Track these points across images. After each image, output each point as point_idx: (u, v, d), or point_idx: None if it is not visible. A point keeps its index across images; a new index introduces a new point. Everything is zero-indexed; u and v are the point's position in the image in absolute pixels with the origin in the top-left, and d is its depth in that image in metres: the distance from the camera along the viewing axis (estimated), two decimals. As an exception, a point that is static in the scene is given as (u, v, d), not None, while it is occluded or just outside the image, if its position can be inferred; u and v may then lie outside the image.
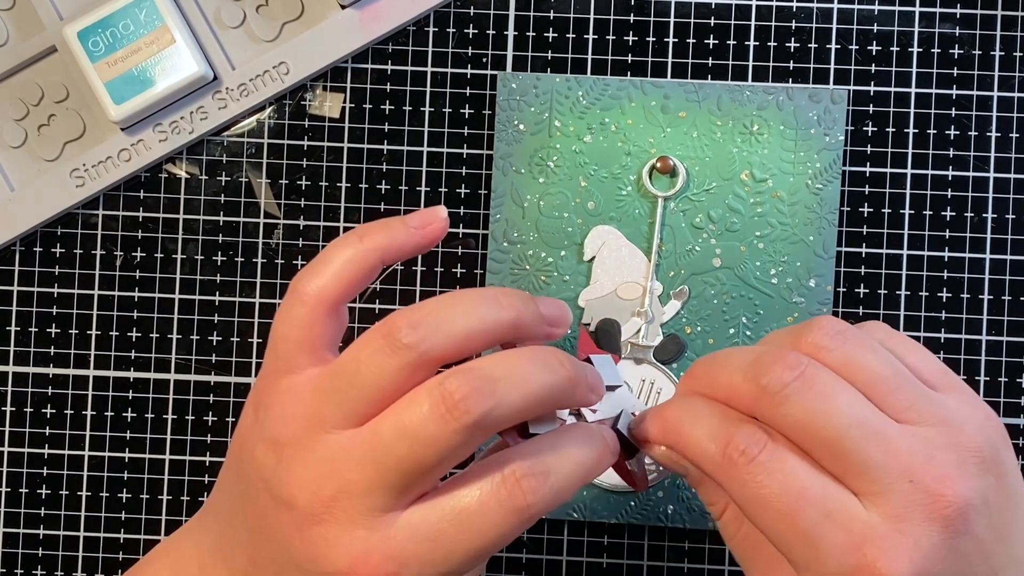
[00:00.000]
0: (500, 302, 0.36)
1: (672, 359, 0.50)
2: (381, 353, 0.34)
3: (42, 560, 0.52)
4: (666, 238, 0.51)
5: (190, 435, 0.52)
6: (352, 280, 0.37)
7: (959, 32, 0.51)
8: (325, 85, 0.52)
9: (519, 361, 0.35)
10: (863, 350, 0.35)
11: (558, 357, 0.35)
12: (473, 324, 0.35)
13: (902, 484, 0.33)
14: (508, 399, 0.34)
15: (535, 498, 0.34)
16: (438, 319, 0.35)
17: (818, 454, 0.34)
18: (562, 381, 0.35)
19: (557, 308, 0.39)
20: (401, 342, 0.34)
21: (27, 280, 0.52)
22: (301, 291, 0.37)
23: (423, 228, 0.39)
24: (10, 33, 0.52)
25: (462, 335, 0.35)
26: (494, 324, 0.35)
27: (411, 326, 0.34)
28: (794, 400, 0.34)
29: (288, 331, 0.37)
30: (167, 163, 0.52)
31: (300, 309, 0.37)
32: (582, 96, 0.51)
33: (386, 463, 0.33)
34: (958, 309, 0.51)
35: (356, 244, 0.38)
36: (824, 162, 0.50)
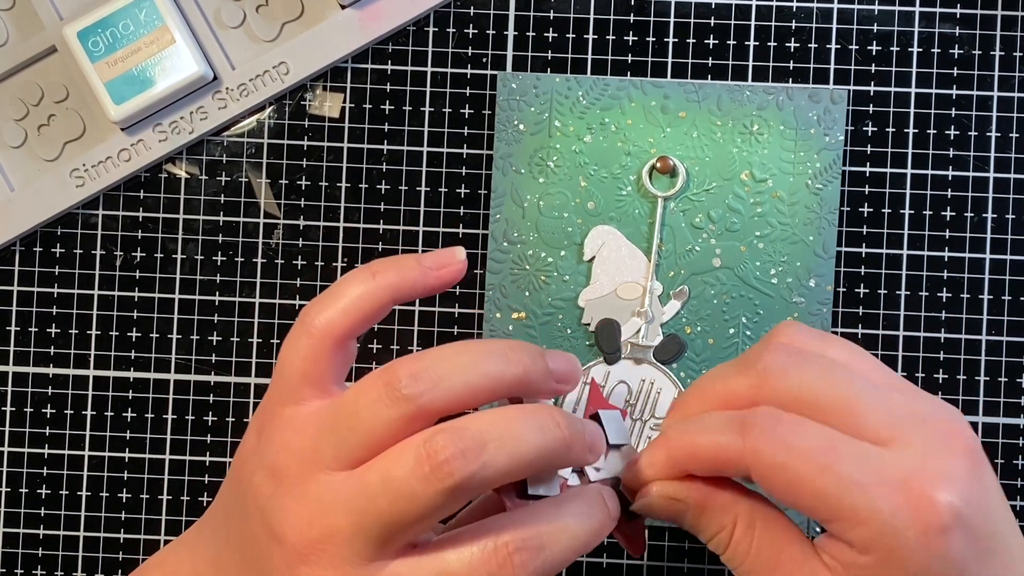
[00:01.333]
0: (507, 357, 0.35)
1: (672, 359, 0.50)
2: (380, 403, 0.34)
3: (42, 560, 0.52)
4: (666, 238, 0.51)
5: (190, 435, 0.52)
6: (361, 317, 0.37)
7: (959, 32, 0.51)
8: (325, 85, 0.52)
9: (512, 422, 0.34)
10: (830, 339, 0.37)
11: (555, 418, 0.35)
12: (475, 380, 0.34)
13: (918, 425, 0.34)
14: (495, 462, 0.33)
15: (525, 572, 0.33)
16: (440, 372, 0.34)
17: (831, 415, 0.34)
18: (556, 443, 0.34)
19: (567, 363, 0.38)
20: (401, 392, 0.34)
21: (27, 280, 0.52)
22: (309, 323, 0.37)
23: (438, 270, 0.38)
24: (10, 33, 0.52)
25: (463, 390, 0.34)
26: (497, 380, 0.35)
27: (412, 377, 0.34)
28: (795, 372, 0.35)
29: (294, 362, 0.37)
30: (167, 163, 0.52)
31: (306, 341, 0.37)
32: (582, 96, 0.51)
33: (369, 512, 0.33)
34: (958, 309, 0.51)
35: (368, 280, 0.37)
36: (824, 162, 0.50)
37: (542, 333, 0.51)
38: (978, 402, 0.51)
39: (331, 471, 0.34)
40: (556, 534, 0.34)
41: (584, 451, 0.36)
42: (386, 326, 0.52)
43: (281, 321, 0.52)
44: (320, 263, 0.52)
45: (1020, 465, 0.51)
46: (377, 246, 0.52)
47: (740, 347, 0.50)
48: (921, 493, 0.33)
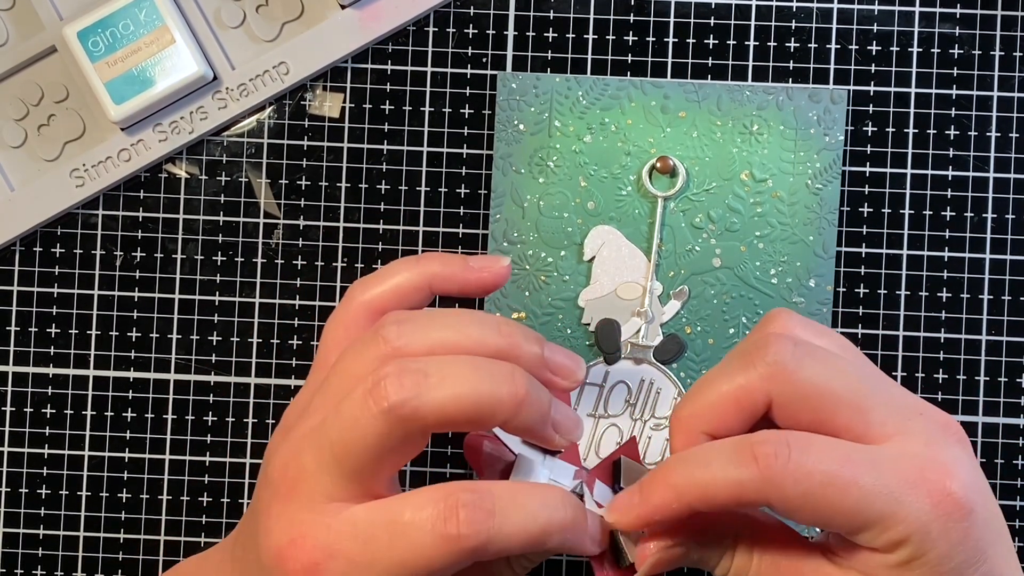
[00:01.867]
0: (499, 329, 0.36)
1: (672, 359, 0.50)
2: (365, 344, 0.35)
3: (42, 560, 0.52)
4: (666, 238, 0.51)
5: (190, 435, 0.52)
6: (399, 297, 0.39)
7: (959, 32, 0.51)
8: (325, 85, 0.52)
9: (461, 363, 0.34)
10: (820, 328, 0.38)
11: (511, 372, 0.35)
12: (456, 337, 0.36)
13: (917, 418, 0.35)
14: (431, 396, 0.33)
15: (469, 530, 0.33)
16: (424, 324, 0.36)
17: (839, 414, 0.34)
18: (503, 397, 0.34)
19: (565, 356, 0.38)
20: (382, 336, 0.35)
21: (27, 280, 0.52)
22: (350, 297, 0.39)
23: (480, 271, 0.39)
24: (10, 33, 0.52)
25: (440, 342, 0.35)
26: (478, 343, 0.36)
27: (397, 324, 0.35)
28: (808, 363, 0.35)
29: (333, 329, 0.39)
30: (167, 163, 0.52)
31: (345, 311, 0.39)
32: (582, 96, 0.51)
33: (325, 446, 0.34)
34: (958, 309, 0.51)
35: (412, 266, 0.39)
36: (824, 162, 0.50)
37: (542, 333, 0.50)
38: (978, 402, 0.51)
39: (316, 413, 0.36)
40: (511, 507, 0.34)
41: (542, 421, 0.36)
42: (386, 326, 0.52)
43: (281, 321, 0.52)
44: (320, 263, 0.52)
45: (1020, 465, 0.51)
46: (377, 246, 0.52)
47: (740, 347, 0.50)
48: (937, 485, 0.33)
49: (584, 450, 0.50)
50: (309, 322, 0.52)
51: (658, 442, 0.50)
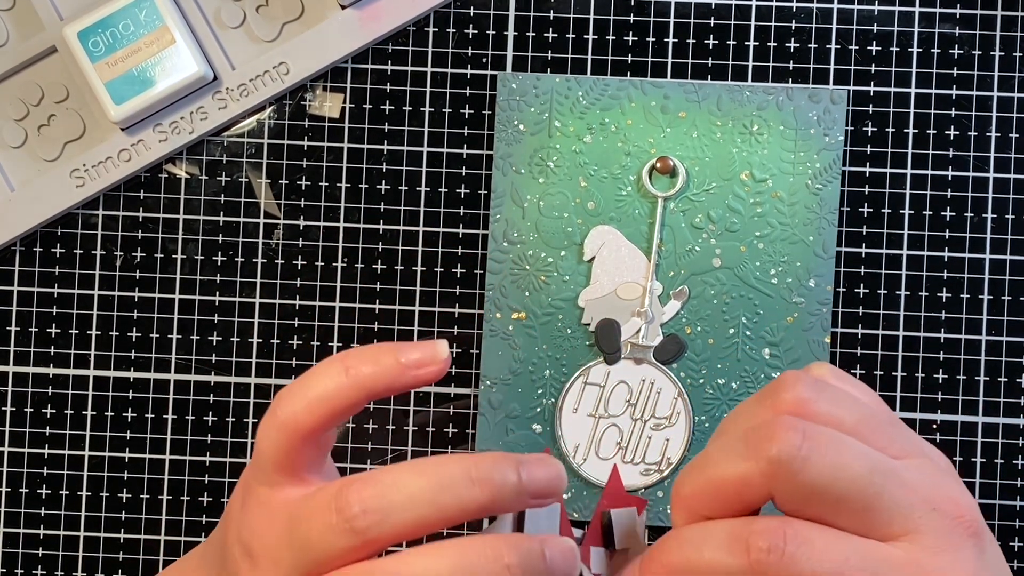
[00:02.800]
0: (471, 480, 0.33)
1: (672, 359, 0.50)
2: (330, 531, 0.33)
3: (42, 560, 0.52)
4: (666, 238, 0.51)
5: (190, 435, 0.52)
6: (329, 413, 0.35)
7: (959, 32, 0.51)
8: (325, 85, 0.52)
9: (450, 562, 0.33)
10: (839, 395, 0.35)
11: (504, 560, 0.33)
12: (429, 513, 0.33)
13: (929, 515, 0.33)
14: None
15: None
16: (391, 502, 0.33)
17: (843, 512, 0.33)
18: None
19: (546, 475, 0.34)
20: (349, 524, 0.33)
21: (27, 280, 0.52)
22: (278, 414, 0.35)
23: (418, 368, 0.35)
24: (10, 33, 0.52)
25: (415, 523, 0.33)
26: (457, 510, 0.33)
27: (362, 507, 0.33)
28: (813, 461, 0.33)
29: (265, 449, 0.35)
30: (167, 163, 0.52)
31: (275, 434, 0.35)
32: (582, 96, 0.51)
33: None
34: (958, 309, 0.51)
35: (340, 376, 0.35)
36: (824, 162, 0.50)
37: (542, 333, 0.51)
38: (978, 402, 0.51)
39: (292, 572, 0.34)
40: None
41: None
42: (386, 326, 0.52)
43: (281, 321, 0.52)
44: (320, 263, 0.52)
45: (1020, 465, 0.51)
46: (377, 246, 0.52)
47: (740, 347, 0.50)
48: None
49: (584, 451, 0.50)
50: (309, 322, 0.52)
51: (658, 442, 0.50)
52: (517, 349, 0.51)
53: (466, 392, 0.52)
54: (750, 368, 0.50)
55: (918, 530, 0.33)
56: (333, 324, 0.52)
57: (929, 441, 0.37)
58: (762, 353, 0.50)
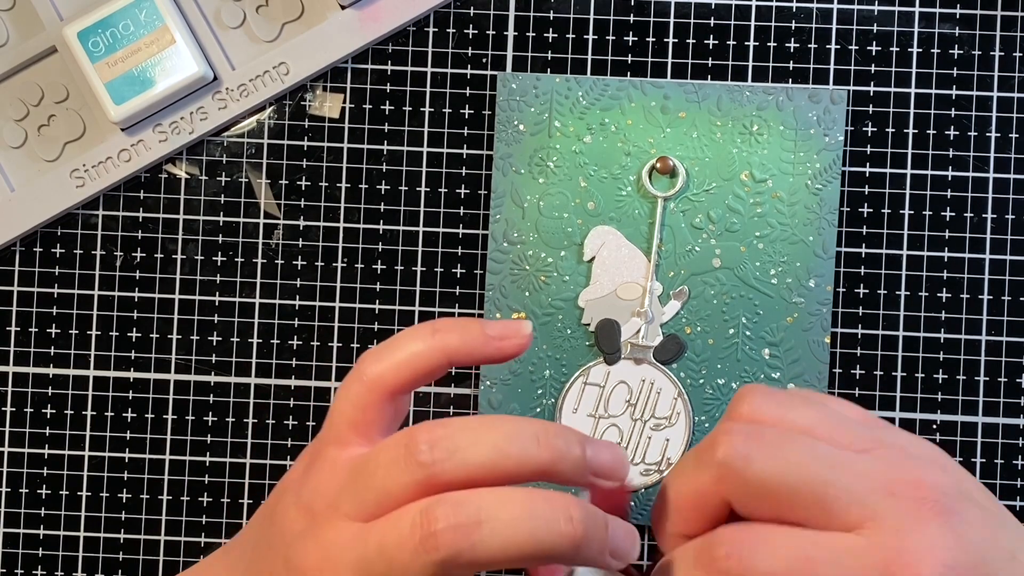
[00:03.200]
0: (538, 440, 0.34)
1: (672, 359, 0.50)
2: (396, 465, 0.33)
3: (42, 560, 0.52)
4: (666, 238, 0.51)
5: (190, 435, 0.52)
6: (414, 374, 0.36)
7: (959, 32, 0.51)
8: (325, 85, 0.52)
9: (516, 507, 0.32)
10: (794, 401, 0.35)
11: (569, 511, 0.33)
12: (495, 457, 0.33)
13: (887, 500, 0.33)
14: (486, 545, 0.32)
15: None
16: (459, 443, 0.33)
17: (797, 507, 0.33)
18: (561, 540, 0.33)
19: (610, 456, 0.35)
20: (416, 458, 0.33)
21: (27, 280, 0.52)
22: (362, 372, 0.36)
23: (501, 340, 0.37)
24: (10, 33, 0.52)
25: (480, 466, 0.33)
26: (519, 463, 0.33)
27: (430, 444, 0.33)
28: (756, 459, 0.33)
29: (344, 408, 0.36)
30: (167, 163, 0.52)
31: (357, 389, 0.36)
32: (582, 96, 0.51)
33: (378, 571, 0.33)
34: (958, 309, 0.51)
35: (428, 338, 0.36)
36: (824, 162, 0.50)
37: (542, 333, 0.51)
38: (978, 402, 0.51)
39: (348, 519, 0.34)
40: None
41: (601, 552, 0.34)
42: (386, 327, 0.52)
43: (281, 321, 0.52)
44: (320, 263, 0.52)
45: (1020, 465, 0.51)
46: (377, 246, 0.52)
47: (740, 347, 0.50)
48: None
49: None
50: (309, 322, 0.52)
51: (658, 442, 0.50)
52: (517, 349, 0.51)
53: (466, 392, 0.52)
54: (750, 368, 0.50)
55: (876, 516, 0.33)
56: (333, 324, 0.52)
57: (929, 441, 0.37)
58: (762, 353, 0.50)
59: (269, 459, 0.52)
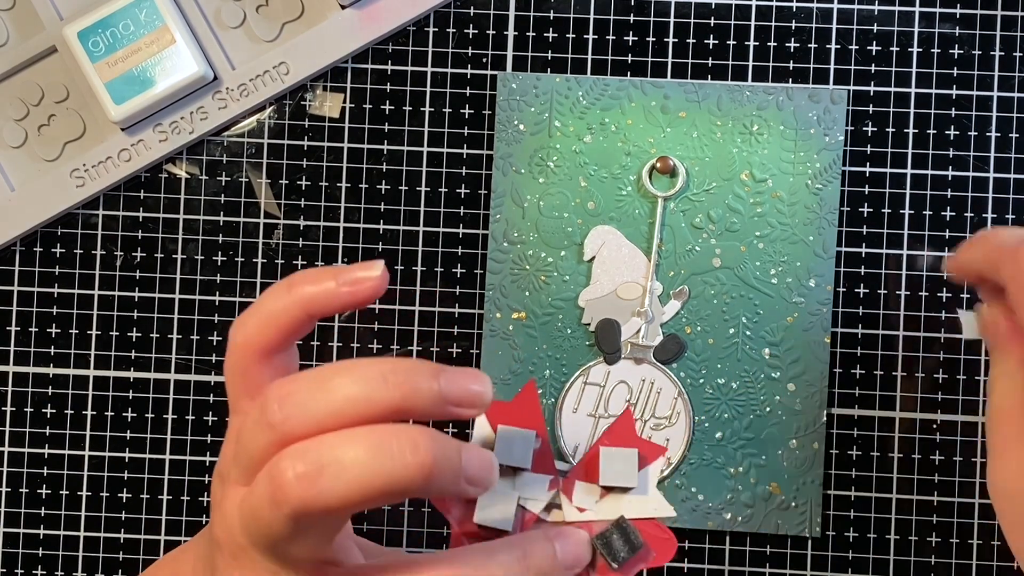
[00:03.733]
0: (386, 380, 0.33)
1: (672, 359, 0.50)
2: (256, 427, 0.34)
3: (42, 560, 0.52)
4: (666, 238, 0.51)
5: (190, 435, 0.52)
6: (278, 330, 0.36)
7: (959, 32, 0.51)
8: (325, 85, 0.52)
9: (357, 446, 0.32)
10: None
11: (415, 441, 0.32)
12: (341, 406, 0.33)
13: None
14: (332, 490, 0.32)
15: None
16: (306, 397, 0.33)
17: None
18: (410, 472, 0.32)
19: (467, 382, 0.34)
20: (267, 419, 0.33)
21: (27, 280, 0.52)
22: (235, 340, 0.36)
23: (354, 285, 0.36)
24: (10, 33, 0.52)
25: (329, 414, 0.33)
26: (367, 405, 0.33)
27: (279, 402, 0.33)
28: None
29: (228, 380, 0.37)
30: (167, 163, 0.52)
31: (232, 357, 0.37)
32: (582, 96, 0.51)
33: (250, 532, 0.34)
34: (958, 309, 0.51)
35: (284, 295, 0.36)
36: (824, 162, 0.50)
37: (542, 333, 0.51)
38: (978, 402, 0.51)
39: (238, 485, 0.35)
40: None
41: (455, 481, 0.33)
42: (386, 326, 0.52)
43: (281, 321, 0.52)
44: (320, 263, 0.52)
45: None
46: (377, 246, 0.52)
47: (740, 347, 0.50)
48: None
49: (584, 451, 0.50)
50: (309, 322, 0.52)
51: (658, 442, 0.50)
52: (517, 349, 0.51)
53: (466, 392, 0.52)
54: (750, 368, 0.50)
55: None
56: (333, 324, 0.52)
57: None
58: (762, 353, 0.50)
59: (269, 459, 0.52)
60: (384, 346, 0.52)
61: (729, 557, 0.51)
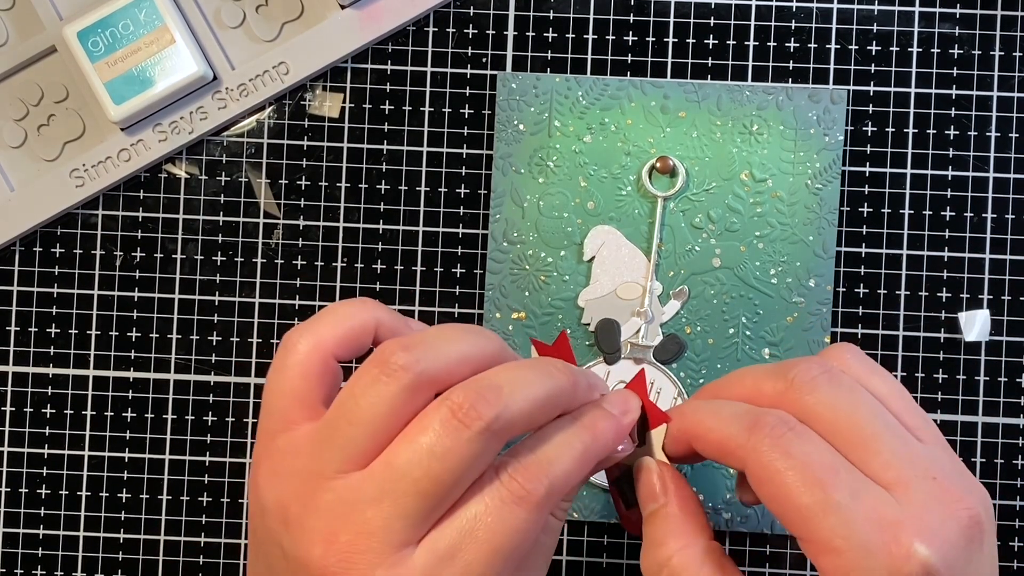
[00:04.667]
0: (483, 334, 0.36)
1: (672, 359, 0.50)
2: (378, 382, 0.33)
3: (42, 560, 0.52)
4: (666, 238, 0.51)
5: (190, 435, 0.52)
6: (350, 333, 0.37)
7: (959, 32, 0.51)
8: (325, 85, 0.52)
9: (517, 370, 0.35)
10: (879, 371, 0.37)
11: (554, 364, 0.36)
12: (466, 348, 0.35)
13: (926, 480, 0.34)
14: (514, 402, 0.34)
15: (533, 487, 0.34)
16: (430, 342, 0.34)
17: (843, 444, 0.34)
18: (563, 383, 0.36)
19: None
20: (397, 364, 0.33)
21: (27, 280, 0.52)
22: (292, 346, 0.36)
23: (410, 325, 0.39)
24: (10, 33, 0.52)
25: (458, 355, 0.35)
26: (482, 350, 0.36)
27: (404, 349, 0.34)
28: (823, 389, 0.35)
29: (283, 386, 0.36)
30: (167, 163, 0.52)
31: (296, 358, 0.36)
32: (582, 96, 0.51)
33: (403, 490, 0.33)
34: (958, 309, 0.51)
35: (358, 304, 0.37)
36: (824, 162, 0.50)
37: (542, 333, 0.51)
38: (978, 402, 0.51)
39: (342, 475, 0.33)
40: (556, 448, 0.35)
41: (588, 390, 0.37)
42: (386, 326, 0.52)
43: (281, 321, 0.52)
44: (320, 263, 0.52)
45: (1020, 465, 0.51)
46: (377, 246, 0.52)
47: (740, 347, 0.50)
48: (901, 540, 0.33)
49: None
50: (309, 322, 0.52)
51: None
52: (517, 349, 0.51)
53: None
54: (750, 368, 0.50)
55: (909, 487, 0.34)
56: (333, 324, 0.52)
57: None
58: (762, 353, 0.50)
59: (269, 459, 0.52)
60: (384, 346, 0.52)
61: (729, 557, 0.51)
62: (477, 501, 0.34)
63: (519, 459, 0.35)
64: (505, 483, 0.34)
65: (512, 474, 0.34)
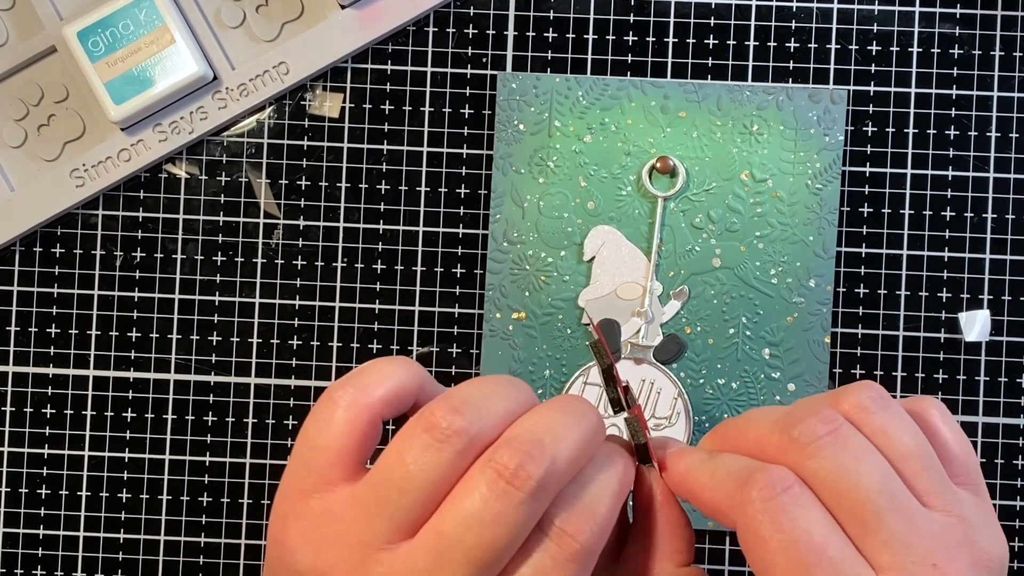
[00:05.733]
0: (512, 382, 0.35)
1: (672, 359, 0.50)
2: (429, 450, 0.32)
3: (42, 560, 0.52)
4: (666, 238, 0.51)
5: (190, 435, 0.52)
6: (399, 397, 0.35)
7: (959, 32, 0.51)
8: (325, 85, 0.52)
9: (551, 416, 0.33)
10: (901, 422, 0.34)
11: (582, 401, 0.34)
12: (510, 405, 0.33)
13: (924, 567, 0.32)
14: (559, 453, 0.32)
15: (584, 538, 0.32)
16: (476, 402, 0.33)
17: (842, 515, 0.33)
18: (596, 421, 0.34)
19: None
20: (451, 429, 0.32)
21: (27, 280, 0.52)
22: (339, 398, 0.34)
23: None
24: (10, 33, 0.52)
25: (503, 413, 0.33)
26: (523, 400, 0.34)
27: (455, 412, 0.32)
28: (825, 454, 0.33)
29: (326, 442, 0.33)
30: (167, 163, 0.52)
31: (343, 414, 0.33)
32: (582, 96, 0.51)
33: (456, 559, 0.31)
34: (958, 309, 0.51)
35: (407, 367, 0.35)
36: (824, 162, 0.50)
37: (542, 333, 0.51)
38: (978, 402, 0.51)
39: (391, 545, 0.32)
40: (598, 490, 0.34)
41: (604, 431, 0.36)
42: (386, 327, 0.52)
43: (281, 321, 0.52)
44: (320, 263, 0.52)
45: (1020, 465, 0.51)
46: (377, 246, 0.52)
47: (740, 347, 0.50)
48: None
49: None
50: (309, 322, 0.52)
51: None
52: (517, 349, 0.51)
53: (466, 392, 0.52)
54: (750, 368, 0.50)
55: (903, 572, 0.32)
56: (333, 324, 0.52)
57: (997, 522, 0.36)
58: (762, 353, 0.50)
59: (269, 459, 0.52)
60: (384, 346, 0.52)
61: (729, 557, 0.51)
62: (529, 565, 0.32)
63: (564, 509, 0.33)
64: (554, 539, 0.32)
65: (562, 527, 0.32)
